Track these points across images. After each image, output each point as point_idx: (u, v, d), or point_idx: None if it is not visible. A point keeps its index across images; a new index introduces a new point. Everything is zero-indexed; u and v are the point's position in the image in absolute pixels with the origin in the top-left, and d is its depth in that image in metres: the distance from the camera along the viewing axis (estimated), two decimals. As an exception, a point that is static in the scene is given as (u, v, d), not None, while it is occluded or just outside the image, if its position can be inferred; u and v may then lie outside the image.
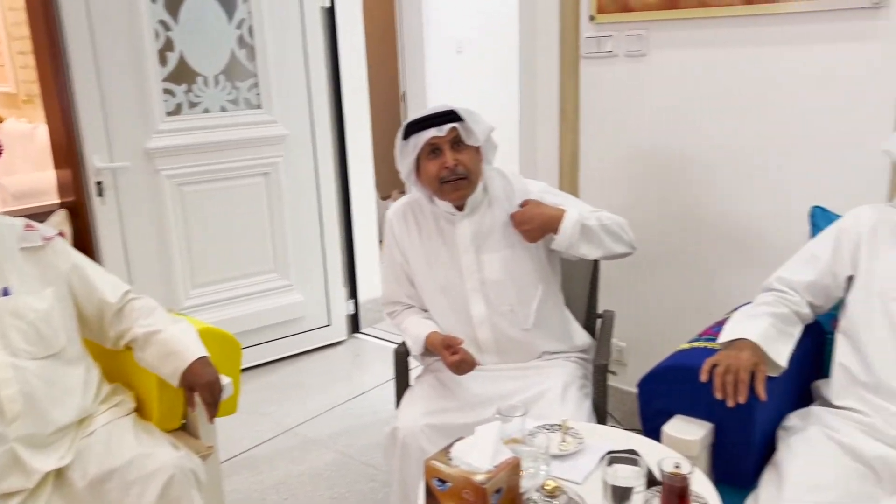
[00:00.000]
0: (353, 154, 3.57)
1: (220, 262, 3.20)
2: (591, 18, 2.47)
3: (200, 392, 1.65)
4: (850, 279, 1.69)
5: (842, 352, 1.64)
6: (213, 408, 1.66)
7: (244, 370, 3.25)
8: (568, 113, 2.60)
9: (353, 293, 3.70)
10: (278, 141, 3.24)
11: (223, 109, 3.11)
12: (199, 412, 1.73)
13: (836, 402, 1.62)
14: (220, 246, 3.18)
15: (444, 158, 1.83)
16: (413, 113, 1.89)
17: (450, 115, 1.83)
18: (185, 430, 1.83)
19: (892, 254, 1.62)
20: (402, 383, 2.07)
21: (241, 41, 3.10)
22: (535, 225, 1.84)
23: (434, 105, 1.87)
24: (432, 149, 1.84)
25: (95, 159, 2.82)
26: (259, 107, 3.18)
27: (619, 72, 2.47)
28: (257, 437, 2.79)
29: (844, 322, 1.67)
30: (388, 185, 5.50)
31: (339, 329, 3.62)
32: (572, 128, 2.61)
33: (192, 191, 3.08)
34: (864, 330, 1.60)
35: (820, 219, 1.93)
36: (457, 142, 1.84)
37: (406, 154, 1.88)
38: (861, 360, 1.59)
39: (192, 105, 3.04)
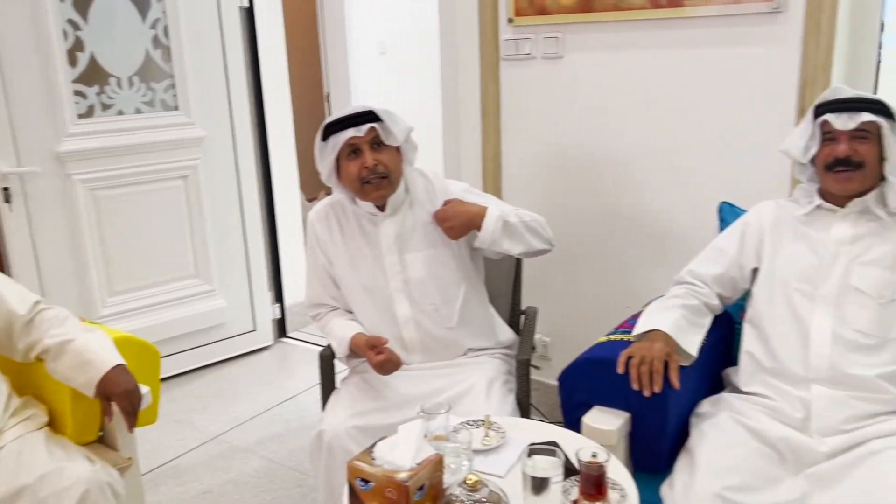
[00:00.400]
0: (276, 155, 3.52)
1: (139, 268, 3.11)
2: (510, 21, 2.51)
3: (118, 401, 1.60)
4: (756, 271, 1.79)
5: (748, 340, 1.73)
6: (132, 417, 1.62)
7: (167, 379, 3.18)
8: (490, 114, 2.64)
9: (278, 297, 3.65)
10: (197, 143, 3.17)
11: (138, 111, 3.02)
12: (117, 423, 1.68)
13: (744, 389, 1.70)
14: (138, 252, 3.09)
15: (364, 158, 1.84)
16: (335, 114, 1.89)
17: (368, 116, 1.84)
18: (102, 442, 1.77)
19: (793, 246, 1.72)
20: (327, 386, 2.06)
21: (156, 41, 3.02)
22: (457, 222, 1.87)
23: (353, 106, 1.87)
24: (352, 149, 1.85)
25: (1, 164, 2.70)
26: (176, 108, 3.11)
27: (538, 73, 2.52)
28: (181, 446, 2.72)
29: (750, 312, 1.76)
30: (315, 187, 5.44)
31: (265, 334, 3.56)
32: (494, 129, 2.65)
33: (106, 196, 2.98)
34: (767, 319, 1.69)
35: (727, 214, 2.03)
36: (376, 142, 1.85)
37: (325, 155, 1.88)
38: (765, 347, 1.68)
39: (106, 107, 2.95)
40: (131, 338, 1.84)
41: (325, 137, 1.86)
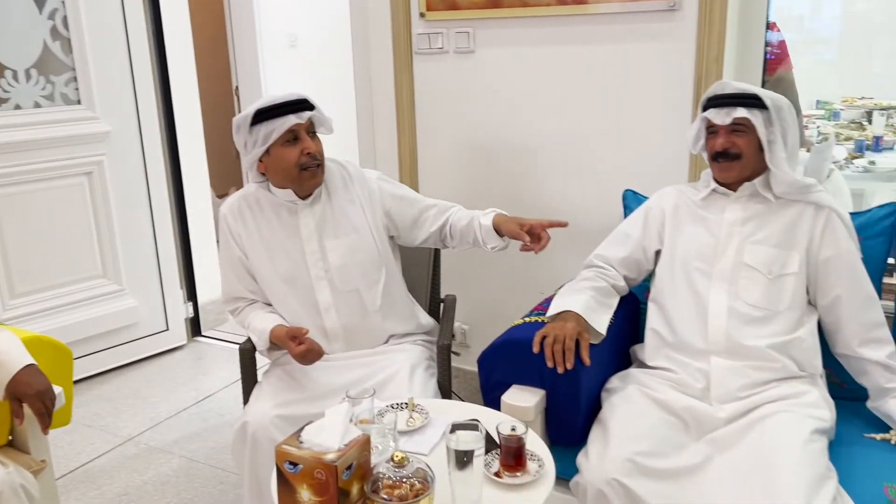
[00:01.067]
0: (186, 150, 3.44)
1: (43, 269, 2.99)
2: (422, 15, 2.56)
3: (30, 403, 1.55)
4: (658, 253, 1.90)
5: (652, 318, 1.85)
6: (46, 418, 1.57)
7: (76, 382, 3.06)
8: (404, 107, 2.68)
9: (191, 295, 3.58)
10: (101, 138, 3.07)
11: (37, 105, 2.91)
12: (29, 425, 1.63)
13: (649, 363, 1.81)
14: (41, 252, 2.96)
15: (305, 145, 1.85)
16: (252, 105, 1.87)
17: (306, 104, 1.86)
18: (12, 446, 1.71)
19: (691, 228, 1.84)
20: (249, 380, 2.05)
21: (55, 32, 2.90)
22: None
23: (284, 93, 1.85)
24: (290, 136, 1.85)
25: None
26: (78, 102, 3.00)
27: (451, 67, 2.57)
28: (95, 450, 2.64)
29: (654, 291, 1.88)
30: (225, 183, 5.34)
31: (178, 333, 3.48)
32: (409, 122, 2.69)
33: (5, 194, 2.85)
34: (669, 297, 1.81)
35: (631, 200, 2.14)
36: (311, 130, 1.88)
37: (256, 142, 1.86)
38: (668, 323, 1.79)
39: (1, 101, 2.82)
40: (42, 337, 1.78)
41: (255, 122, 1.85)
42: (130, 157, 3.18)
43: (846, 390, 1.82)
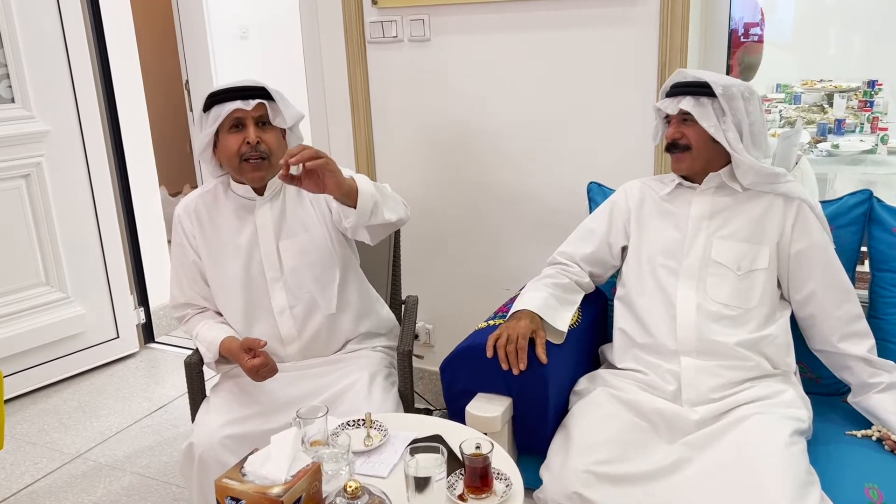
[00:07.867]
0: (132, 148, 3.27)
1: (-23, 279, 2.82)
2: (374, 3, 2.44)
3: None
4: (624, 249, 1.82)
5: (619, 317, 1.76)
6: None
7: (19, 398, 2.93)
8: (359, 99, 2.56)
9: (143, 300, 3.42)
10: (39, 138, 2.89)
11: (-33, 105, 2.73)
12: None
13: (618, 365, 1.73)
14: (-25, 261, 2.79)
15: (247, 133, 1.73)
16: (222, 83, 1.77)
17: (259, 92, 1.74)
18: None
19: (657, 223, 1.76)
20: (196, 395, 1.92)
21: (-17, 26, 2.72)
22: (331, 164, 1.60)
23: (244, 78, 1.75)
24: (234, 123, 1.74)
25: None
26: (12, 101, 2.82)
27: (406, 56, 2.46)
28: (38, 470, 2.49)
29: (621, 290, 1.80)
30: (178, 181, 5.17)
31: (130, 340, 3.33)
32: (365, 114, 2.58)
33: (-67, 199, 2.67)
34: (636, 295, 1.73)
35: (596, 194, 2.06)
36: (262, 120, 1.76)
37: (204, 126, 1.76)
38: (637, 323, 1.71)
39: (-75, 100, 2.64)
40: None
41: (207, 108, 1.75)
42: (71, 158, 3.01)
43: (821, 385, 1.77)
